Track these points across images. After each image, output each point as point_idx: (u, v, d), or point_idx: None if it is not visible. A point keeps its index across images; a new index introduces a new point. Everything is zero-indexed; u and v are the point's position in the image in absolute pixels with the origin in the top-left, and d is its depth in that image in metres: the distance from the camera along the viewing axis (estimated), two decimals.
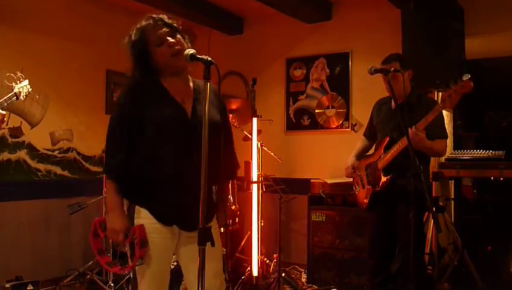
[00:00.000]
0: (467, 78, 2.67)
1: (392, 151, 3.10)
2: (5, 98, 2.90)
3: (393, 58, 3.21)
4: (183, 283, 3.50)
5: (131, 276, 2.14)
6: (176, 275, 2.86)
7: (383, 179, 3.15)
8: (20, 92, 2.95)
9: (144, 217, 2.03)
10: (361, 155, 3.53)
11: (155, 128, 1.99)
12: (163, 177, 2.00)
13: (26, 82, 3.04)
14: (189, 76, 2.15)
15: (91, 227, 2.14)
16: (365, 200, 3.34)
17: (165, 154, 2.00)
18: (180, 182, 2.00)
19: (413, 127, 2.90)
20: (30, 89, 3.05)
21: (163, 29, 2.02)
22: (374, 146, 3.44)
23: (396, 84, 3.03)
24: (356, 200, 3.51)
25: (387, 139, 3.18)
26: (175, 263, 3.06)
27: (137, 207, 2.04)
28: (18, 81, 2.99)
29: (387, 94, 3.28)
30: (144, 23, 2.05)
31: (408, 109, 3.09)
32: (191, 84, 2.14)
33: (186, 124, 2.02)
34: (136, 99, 2.02)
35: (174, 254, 2.18)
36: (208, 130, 1.74)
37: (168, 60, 2.01)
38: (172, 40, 2.00)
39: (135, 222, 2.03)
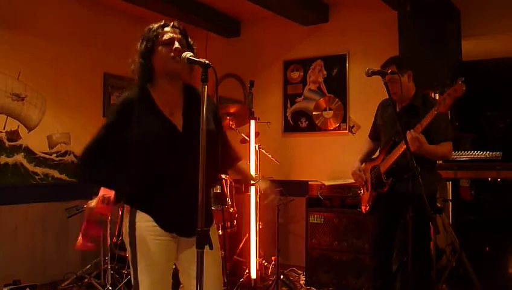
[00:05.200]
0: (460, 81, 2.67)
1: (392, 155, 3.08)
2: None
3: (390, 62, 3.18)
4: (181, 286, 3.49)
5: (132, 280, 2.11)
6: (175, 278, 2.85)
7: (385, 182, 3.14)
8: None
9: (144, 220, 2.05)
10: (366, 159, 3.49)
11: (144, 145, 2.01)
12: (158, 186, 2.03)
13: None
14: (183, 84, 2.16)
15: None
16: (368, 203, 3.33)
17: (158, 165, 2.03)
18: (177, 190, 2.02)
19: (411, 130, 2.86)
20: None
21: (177, 35, 2.07)
22: (379, 149, 3.42)
23: (397, 87, 3.03)
24: (361, 202, 3.49)
25: (391, 142, 3.15)
26: (173, 266, 3.04)
27: (137, 211, 2.06)
28: None
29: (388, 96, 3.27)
30: (163, 22, 2.11)
31: (413, 112, 3.07)
32: (184, 93, 2.15)
33: (176, 136, 2.05)
34: (124, 117, 2.03)
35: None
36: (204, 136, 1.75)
37: (167, 61, 2.04)
38: (178, 46, 2.04)
39: (136, 225, 2.05)
